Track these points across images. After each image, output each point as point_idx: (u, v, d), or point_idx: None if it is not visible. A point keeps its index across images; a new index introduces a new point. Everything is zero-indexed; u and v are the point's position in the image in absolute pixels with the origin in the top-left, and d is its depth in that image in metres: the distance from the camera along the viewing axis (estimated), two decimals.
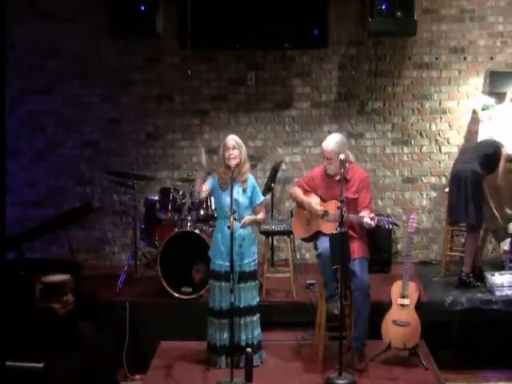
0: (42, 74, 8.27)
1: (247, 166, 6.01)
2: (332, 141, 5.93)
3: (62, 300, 5.99)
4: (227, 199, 5.81)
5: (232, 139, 5.93)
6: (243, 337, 5.92)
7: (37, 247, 7.85)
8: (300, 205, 6.15)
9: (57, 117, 8.35)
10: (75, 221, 7.87)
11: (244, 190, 5.94)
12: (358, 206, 5.89)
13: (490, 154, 7.07)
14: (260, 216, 6.06)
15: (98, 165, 8.33)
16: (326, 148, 5.92)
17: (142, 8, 7.58)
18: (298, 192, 6.16)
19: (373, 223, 5.65)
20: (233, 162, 5.83)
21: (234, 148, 5.87)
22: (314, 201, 6.02)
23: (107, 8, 7.70)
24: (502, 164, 7.08)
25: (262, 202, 6.06)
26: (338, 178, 5.86)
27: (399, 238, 8.26)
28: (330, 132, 7.78)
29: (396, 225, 5.91)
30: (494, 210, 7.30)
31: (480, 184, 6.90)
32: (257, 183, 6.11)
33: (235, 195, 5.78)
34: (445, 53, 8.23)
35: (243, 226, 5.88)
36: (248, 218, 5.94)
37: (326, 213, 5.94)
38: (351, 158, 6.11)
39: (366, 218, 5.67)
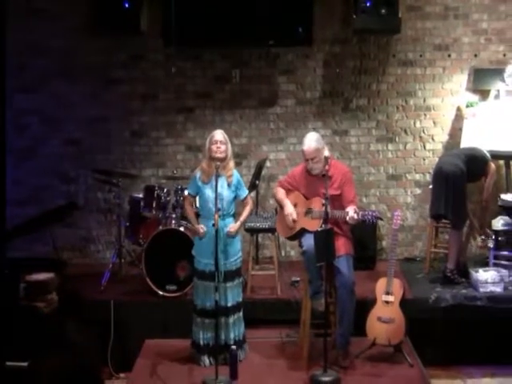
0: (26, 72, 8.20)
1: (232, 162, 6.02)
2: (311, 140, 5.91)
3: (47, 299, 5.98)
4: (210, 193, 5.81)
5: (220, 133, 5.94)
6: (231, 335, 5.93)
7: (21, 246, 7.77)
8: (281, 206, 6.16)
9: (41, 115, 8.30)
10: (60, 219, 7.84)
11: (229, 185, 5.91)
12: (343, 201, 5.87)
13: (476, 157, 7.08)
14: (246, 212, 6.04)
15: (82, 163, 8.28)
16: (309, 148, 5.87)
17: (126, 5, 7.57)
18: (280, 193, 6.16)
19: (356, 216, 5.63)
20: (219, 155, 5.82)
21: (221, 142, 5.87)
22: (290, 214, 5.99)
23: (91, 5, 7.69)
24: (489, 180, 7.12)
25: (247, 195, 6.06)
26: (319, 175, 5.86)
27: (384, 235, 8.28)
28: (314, 129, 7.83)
29: (380, 219, 5.93)
30: (471, 215, 7.36)
31: (462, 180, 6.89)
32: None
33: (219, 189, 5.76)
34: (429, 50, 8.24)
35: (231, 235, 5.88)
36: (234, 226, 5.92)
37: (309, 210, 5.93)
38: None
39: (350, 212, 5.67)
